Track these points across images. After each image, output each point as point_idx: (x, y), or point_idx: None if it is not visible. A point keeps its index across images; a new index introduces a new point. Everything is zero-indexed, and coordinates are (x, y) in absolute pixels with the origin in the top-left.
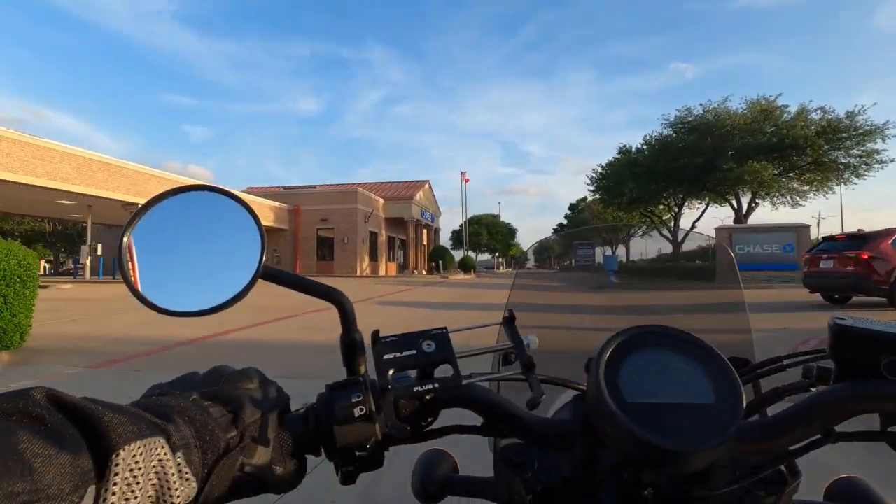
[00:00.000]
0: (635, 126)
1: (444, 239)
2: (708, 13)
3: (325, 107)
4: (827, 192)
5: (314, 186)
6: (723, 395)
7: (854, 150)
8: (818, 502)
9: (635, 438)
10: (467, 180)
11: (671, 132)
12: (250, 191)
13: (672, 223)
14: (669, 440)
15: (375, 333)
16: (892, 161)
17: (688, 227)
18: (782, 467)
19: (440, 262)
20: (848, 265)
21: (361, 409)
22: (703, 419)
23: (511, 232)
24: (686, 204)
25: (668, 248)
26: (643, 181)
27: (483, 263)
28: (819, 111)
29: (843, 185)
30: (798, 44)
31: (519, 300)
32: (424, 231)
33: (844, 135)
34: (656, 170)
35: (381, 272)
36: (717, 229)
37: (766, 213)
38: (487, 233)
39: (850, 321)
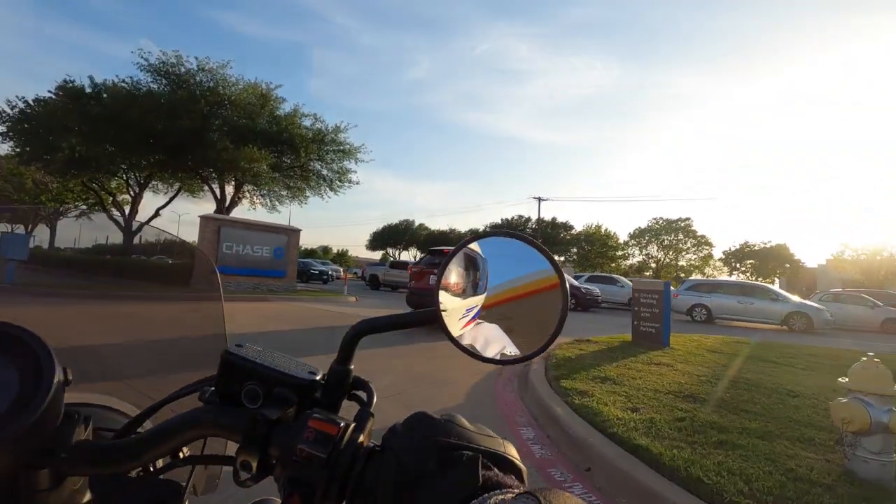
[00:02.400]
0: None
1: None
2: None
3: None
4: (302, 201)
5: None
6: (19, 408)
7: (334, 165)
8: None
9: None
10: None
11: (150, 79)
12: None
13: (131, 206)
14: None
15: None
16: (358, 183)
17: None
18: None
19: None
20: None
21: None
22: None
23: None
24: (150, 185)
25: (120, 236)
26: (97, 135)
27: None
28: (312, 117)
29: (319, 196)
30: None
31: None
32: None
33: (329, 148)
34: (126, 121)
35: None
36: (204, 218)
37: (243, 212)
38: None
39: (243, 351)
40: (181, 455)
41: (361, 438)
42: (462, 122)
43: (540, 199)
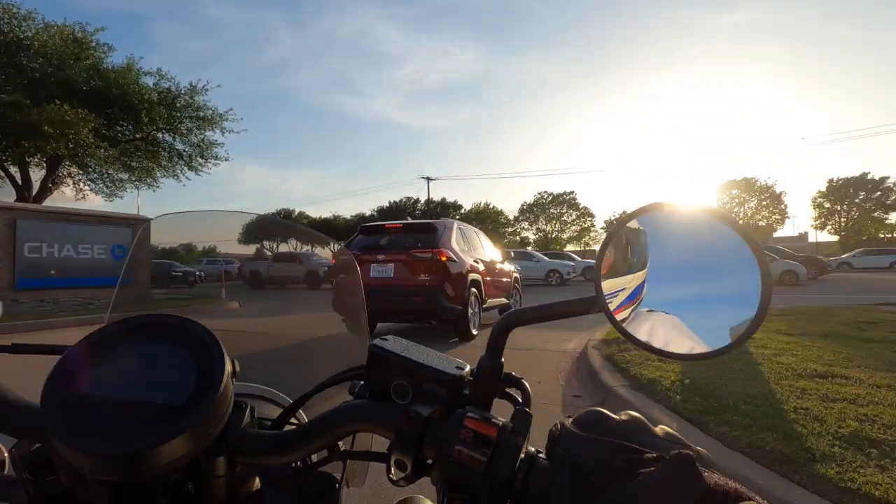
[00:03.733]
0: None
1: None
2: None
3: None
4: (152, 184)
5: None
6: (199, 397)
7: (192, 137)
8: None
9: (55, 431)
10: None
11: None
12: None
13: None
14: (90, 440)
15: None
16: (227, 160)
17: None
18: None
19: None
20: (420, 273)
21: None
22: (156, 420)
23: None
24: None
25: None
26: None
27: None
28: (156, 75)
29: (174, 178)
30: None
31: None
32: None
33: (183, 114)
34: None
35: None
36: None
37: (63, 200)
38: None
39: (388, 343)
40: (338, 448)
41: (522, 441)
42: (333, 105)
43: (429, 179)
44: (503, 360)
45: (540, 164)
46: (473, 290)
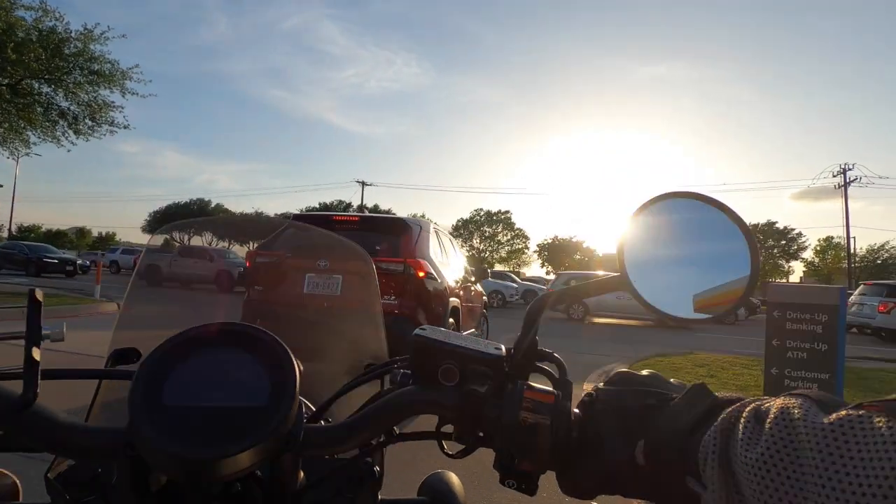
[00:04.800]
0: None
1: None
2: None
3: None
4: (17, 150)
5: None
6: (277, 398)
7: (82, 94)
8: (401, 499)
9: (152, 442)
10: None
11: None
12: None
13: None
14: (190, 446)
15: None
16: (125, 128)
17: None
18: (377, 466)
19: None
20: (386, 293)
21: None
22: (245, 423)
23: None
24: None
25: None
26: None
27: None
28: (39, 9)
29: (53, 141)
30: None
31: None
32: None
33: (72, 63)
34: None
35: None
36: None
37: None
38: None
39: (427, 332)
40: (393, 433)
41: (570, 404)
42: (265, 98)
43: (364, 184)
44: (537, 337)
45: (478, 182)
46: (451, 320)
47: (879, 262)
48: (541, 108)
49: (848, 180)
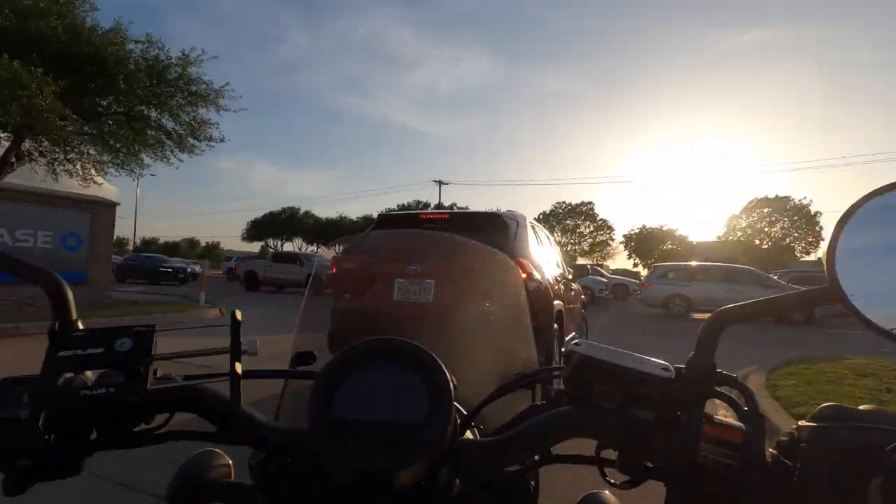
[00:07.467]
0: None
1: None
2: None
3: None
4: (137, 169)
5: None
6: (434, 415)
7: (183, 115)
8: None
9: (324, 451)
10: None
11: None
12: None
13: None
14: (354, 459)
15: (52, 326)
16: (222, 141)
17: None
18: (532, 482)
19: None
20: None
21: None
22: (406, 439)
23: None
24: None
25: None
26: None
27: None
28: (145, 43)
29: (163, 161)
30: None
31: None
32: None
33: (170, 89)
34: None
35: None
36: None
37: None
38: None
39: (583, 348)
40: (549, 454)
41: (764, 443)
42: (343, 106)
43: (441, 183)
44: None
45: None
46: (556, 325)
47: None
48: (619, 94)
49: None
